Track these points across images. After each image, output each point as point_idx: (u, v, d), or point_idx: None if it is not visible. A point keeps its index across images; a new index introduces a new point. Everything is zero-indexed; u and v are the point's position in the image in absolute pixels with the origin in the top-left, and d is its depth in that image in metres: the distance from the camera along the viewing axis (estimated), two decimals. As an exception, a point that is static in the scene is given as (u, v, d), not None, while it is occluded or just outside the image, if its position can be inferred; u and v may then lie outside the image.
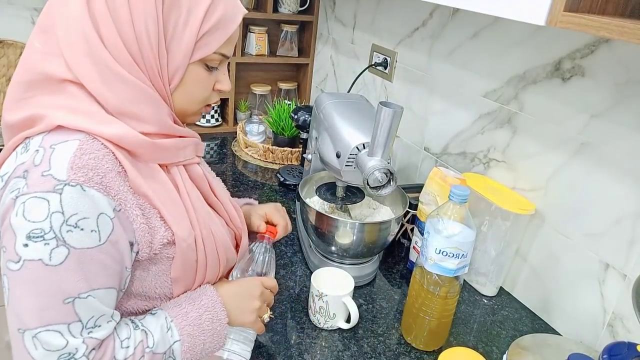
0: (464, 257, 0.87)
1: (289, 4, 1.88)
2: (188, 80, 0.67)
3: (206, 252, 0.71)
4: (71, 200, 0.56)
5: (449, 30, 1.28)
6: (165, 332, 0.67)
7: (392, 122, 0.87)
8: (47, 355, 0.57)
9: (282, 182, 1.51)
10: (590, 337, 0.96)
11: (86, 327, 0.59)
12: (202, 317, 0.70)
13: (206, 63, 0.68)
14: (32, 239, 0.56)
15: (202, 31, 0.64)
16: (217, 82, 0.72)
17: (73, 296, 0.58)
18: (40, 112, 0.61)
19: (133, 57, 0.62)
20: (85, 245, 0.57)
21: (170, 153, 0.68)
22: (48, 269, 0.56)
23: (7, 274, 0.57)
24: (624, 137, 0.88)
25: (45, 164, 0.58)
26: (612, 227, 0.91)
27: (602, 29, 0.60)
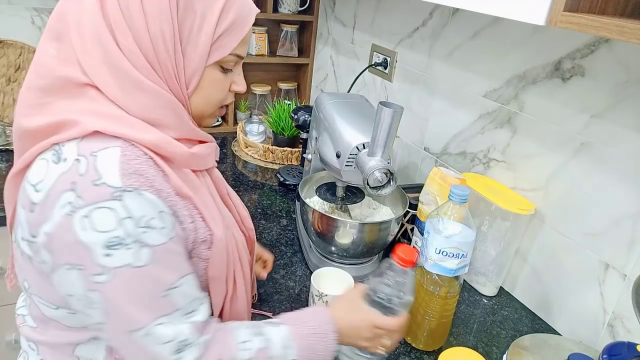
0: (464, 257, 0.87)
1: (289, 3, 1.88)
2: (205, 83, 0.67)
3: (235, 251, 0.74)
4: (133, 204, 0.57)
5: (449, 30, 1.28)
6: (285, 347, 0.69)
7: (392, 122, 0.87)
8: (163, 347, 0.61)
9: (282, 182, 1.51)
10: (590, 337, 0.96)
11: (187, 313, 0.63)
12: (319, 343, 0.72)
13: (222, 65, 0.68)
14: (113, 248, 0.56)
15: (217, 34, 0.64)
16: (232, 83, 0.72)
17: (168, 287, 0.60)
18: (68, 118, 0.60)
19: (150, 63, 0.62)
20: (160, 241, 0.59)
21: (202, 160, 0.70)
22: (139, 270, 0.58)
23: (97, 288, 0.57)
24: (624, 137, 0.88)
25: (93, 173, 0.57)
26: (612, 227, 0.91)
27: (602, 29, 0.60)
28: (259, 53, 1.91)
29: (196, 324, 0.63)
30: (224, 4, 0.64)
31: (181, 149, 0.65)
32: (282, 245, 1.21)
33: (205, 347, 0.64)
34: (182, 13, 0.62)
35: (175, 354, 0.61)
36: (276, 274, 1.09)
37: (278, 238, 1.24)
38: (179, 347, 0.61)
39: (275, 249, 1.19)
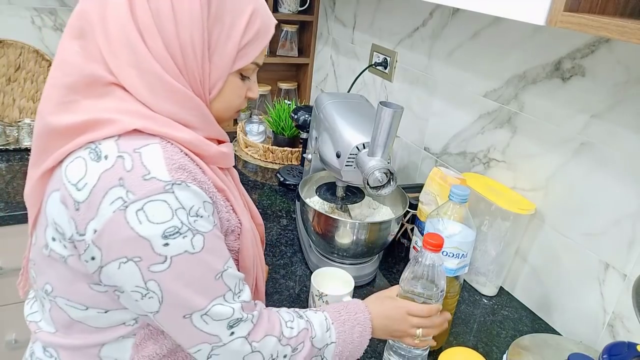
0: (464, 257, 0.87)
1: (289, 3, 1.88)
2: (226, 89, 0.70)
3: (255, 244, 0.78)
4: (184, 195, 0.60)
5: (449, 30, 1.28)
6: (324, 331, 0.74)
7: (392, 122, 0.87)
8: (219, 325, 0.64)
9: (282, 182, 1.51)
10: (590, 337, 0.96)
11: (235, 293, 0.66)
12: (355, 328, 0.76)
13: (242, 72, 0.71)
14: (170, 237, 0.59)
15: (242, 43, 0.67)
16: (248, 89, 0.75)
17: (220, 271, 0.64)
18: (103, 117, 0.61)
19: (178, 68, 0.64)
20: (208, 228, 0.63)
21: (229, 158, 0.75)
22: (195, 256, 0.61)
23: (155, 277, 0.60)
24: (624, 137, 0.88)
25: (140, 168, 0.59)
26: (612, 227, 0.91)
27: (602, 29, 0.60)
28: (259, 53, 1.91)
29: (245, 303, 0.67)
30: (250, 15, 0.67)
31: (213, 148, 0.69)
32: (282, 245, 1.21)
33: (254, 323, 0.67)
34: (212, 22, 0.64)
35: (229, 329, 0.65)
36: (276, 274, 1.09)
37: (278, 238, 1.24)
38: (233, 324, 0.65)
39: (275, 249, 1.19)
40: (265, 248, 1.18)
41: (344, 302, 0.80)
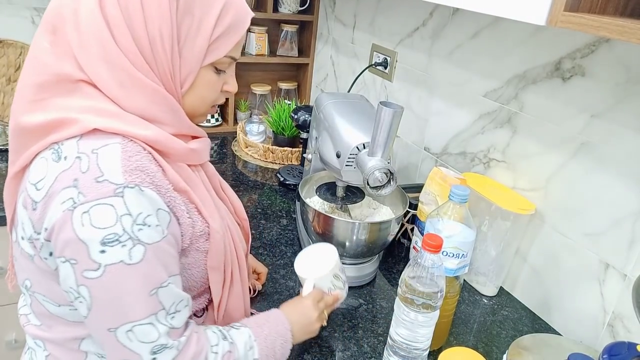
0: (464, 257, 0.87)
1: (289, 3, 1.88)
2: (199, 83, 0.69)
3: (231, 242, 0.76)
4: (134, 200, 0.58)
5: (449, 30, 1.28)
6: (247, 349, 0.72)
7: (392, 122, 0.87)
8: (142, 346, 0.61)
9: (282, 182, 1.51)
10: (590, 337, 0.96)
11: (169, 313, 0.63)
12: (276, 342, 0.76)
13: (216, 66, 0.69)
14: (108, 245, 0.57)
15: (213, 36, 0.66)
16: (224, 83, 0.73)
17: (157, 287, 0.61)
18: (66, 116, 0.60)
19: (147, 62, 0.63)
20: (155, 239, 0.60)
21: (198, 155, 0.72)
22: (131, 268, 0.58)
23: (86, 283, 0.58)
24: (624, 137, 0.88)
25: (95, 170, 0.58)
26: (612, 227, 0.91)
27: (602, 29, 0.60)
28: (259, 53, 1.91)
29: (175, 327, 0.64)
30: (222, 8, 0.65)
31: (179, 145, 0.67)
32: (282, 245, 1.21)
33: (180, 350, 0.64)
34: (180, 15, 0.63)
35: (152, 354, 0.62)
36: (276, 274, 1.09)
37: (278, 238, 1.24)
38: (157, 349, 0.62)
39: (275, 248, 1.19)
40: (265, 248, 1.18)
41: (267, 315, 0.79)
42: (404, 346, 0.81)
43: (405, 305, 0.78)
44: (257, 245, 1.19)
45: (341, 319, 0.99)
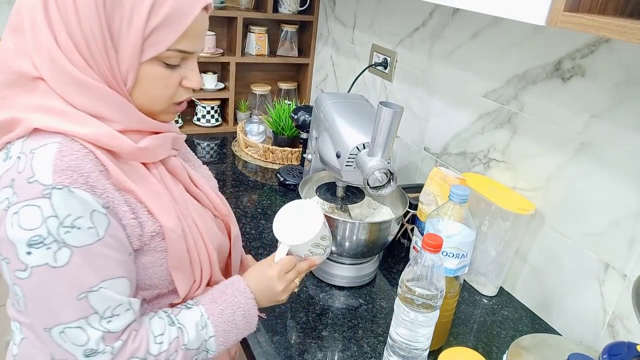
0: (464, 257, 0.87)
1: (289, 4, 1.88)
2: (144, 79, 0.65)
3: (194, 241, 0.72)
4: (62, 202, 0.57)
5: (449, 30, 1.28)
6: (200, 329, 0.71)
7: (392, 122, 0.87)
8: (75, 348, 0.61)
9: (282, 182, 1.51)
10: (590, 337, 0.96)
11: (104, 318, 0.62)
12: (236, 313, 0.74)
13: (164, 61, 0.65)
14: (34, 247, 0.57)
15: (148, 28, 0.61)
16: (183, 78, 0.69)
17: (85, 291, 0.60)
18: (17, 116, 0.61)
19: (85, 59, 0.62)
20: (85, 242, 0.59)
21: (151, 152, 0.68)
22: (56, 271, 0.58)
23: (18, 283, 0.60)
24: (624, 137, 0.88)
25: (28, 171, 0.58)
26: (612, 227, 0.91)
27: (602, 29, 0.60)
28: (259, 53, 1.91)
29: (111, 332, 0.63)
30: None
31: (125, 143, 0.64)
32: (282, 245, 1.21)
33: (114, 355, 0.63)
34: (110, 8, 0.60)
35: (85, 357, 0.62)
36: (276, 274, 1.09)
37: (278, 238, 1.24)
38: (89, 353, 0.62)
39: (275, 249, 1.18)
40: (265, 248, 1.18)
41: (225, 285, 0.76)
42: (404, 346, 0.81)
43: (405, 305, 0.78)
44: (257, 245, 1.19)
45: (341, 319, 0.99)
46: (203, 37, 0.69)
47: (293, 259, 0.82)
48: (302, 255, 0.83)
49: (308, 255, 0.84)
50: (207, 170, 0.88)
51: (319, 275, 1.10)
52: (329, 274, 1.08)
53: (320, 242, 0.85)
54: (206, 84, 1.89)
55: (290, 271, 0.82)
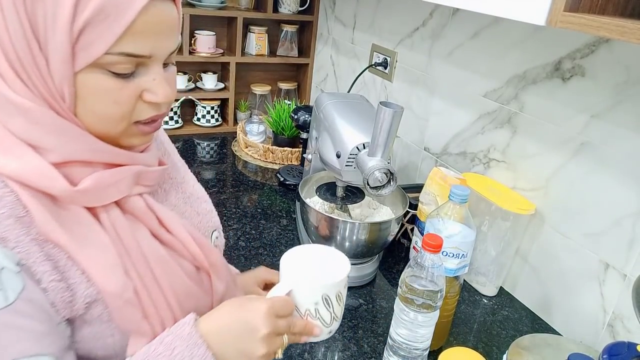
0: (464, 257, 0.87)
1: (289, 3, 1.88)
2: (84, 93, 0.51)
3: (155, 306, 0.56)
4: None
5: (449, 30, 1.28)
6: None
7: (392, 122, 0.87)
8: None
9: (282, 182, 1.51)
10: (590, 337, 0.96)
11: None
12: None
13: (108, 69, 0.51)
14: None
15: (76, 26, 0.47)
16: (144, 91, 0.54)
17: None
18: None
19: (16, 72, 0.49)
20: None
21: (92, 196, 0.53)
22: None
23: None
24: (624, 137, 0.88)
25: None
26: (612, 227, 0.91)
27: (602, 29, 0.60)
28: (259, 53, 1.91)
29: None
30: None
31: (57, 183, 0.50)
32: (282, 245, 1.21)
33: None
34: (30, 4, 0.47)
35: None
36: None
37: (278, 238, 1.24)
38: None
39: (275, 249, 1.19)
40: (265, 248, 1.18)
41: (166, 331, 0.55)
42: (404, 346, 0.81)
43: (405, 305, 0.78)
44: (257, 245, 1.19)
45: (341, 319, 0.99)
46: (166, 34, 0.53)
47: (292, 304, 0.61)
48: (303, 310, 0.62)
49: (310, 312, 0.62)
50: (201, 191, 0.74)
51: (319, 275, 1.10)
52: (329, 274, 1.08)
53: (333, 301, 0.63)
54: (206, 84, 1.90)
55: (284, 318, 0.59)
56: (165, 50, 0.54)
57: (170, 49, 0.55)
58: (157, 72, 0.54)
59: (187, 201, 0.70)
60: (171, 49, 0.55)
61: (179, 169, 0.74)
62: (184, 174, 0.74)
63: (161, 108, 0.56)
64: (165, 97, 0.54)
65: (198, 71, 1.91)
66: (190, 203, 0.70)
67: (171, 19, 0.53)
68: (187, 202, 0.70)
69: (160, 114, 0.57)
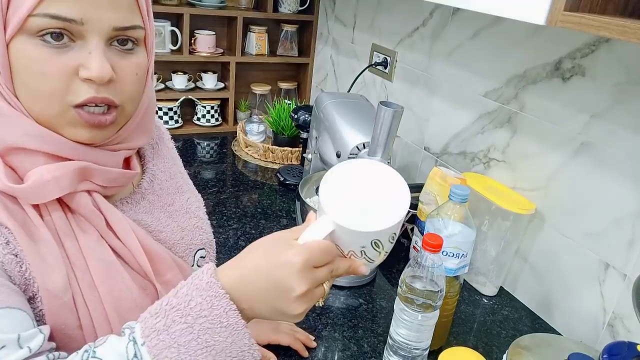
0: (464, 257, 0.87)
1: (289, 3, 1.88)
2: (17, 65, 0.48)
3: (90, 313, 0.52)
4: None
5: (449, 30, 1.28)
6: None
7: (392, 122, 0.87)
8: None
9: (282, 181, 1.51)
10: (590, 337, 0.96)
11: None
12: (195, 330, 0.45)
13: (38, 36, 0.47)
14: None
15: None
16: (80, 66, 0.49)
17: None
18: None
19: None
20: None
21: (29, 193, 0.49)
22: None
23: None
24: (624, 137, 0.88)
25: None
26: (612, 227, 0.91)
27: (602, 29, 0.60)
28: (259, 53, 1.91)
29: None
30: None
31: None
32: (282, 245, 1.21)
33: None
34: None
35: None
36: (276, 274, 1.09)
37: (278, 238, 1.24)
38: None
39: (275, 248, 1.19)
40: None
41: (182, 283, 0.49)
42: (404, 346, 0.81)
43: (405, 305, 0.78)
44: (257, 245, 1.19)
45: (341, 319, 0.99)
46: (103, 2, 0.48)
47: (333, 247, 0.51)
48: (346, 251, 0.52)
49: (354, 253, 0.52)
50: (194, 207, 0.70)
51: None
52: (329, 273, 1.08)
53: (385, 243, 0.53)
54: (206, 84, 1.90)
55: (324, 266, 0.50)
56: (104, 22, 0.48)
57: (111, 23, 0.49)
58: (96, 47, 0.49)
59: (173, 214, 0.66)
60: (114, 23, 0.49)
61: (177, 179, 0.70)
62: (180, 185, 0.70)
63: (98, 89, 0.50)
64: (98, 71, 0.48)
65: (198, 71, 1.91)
66: (174, 216, 0.66)
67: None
68: (171, 216, 0.66)
69: (99, 97, 0.50)
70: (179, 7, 1.72)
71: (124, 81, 0.52)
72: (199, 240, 0.69)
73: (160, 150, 0.70)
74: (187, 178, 0.75)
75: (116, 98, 0.52)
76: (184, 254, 0.66)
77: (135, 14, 0.52)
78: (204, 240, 0.70)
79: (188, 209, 0.69)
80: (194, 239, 0.68)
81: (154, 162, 0.67)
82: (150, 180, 0.65)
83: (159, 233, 0.63)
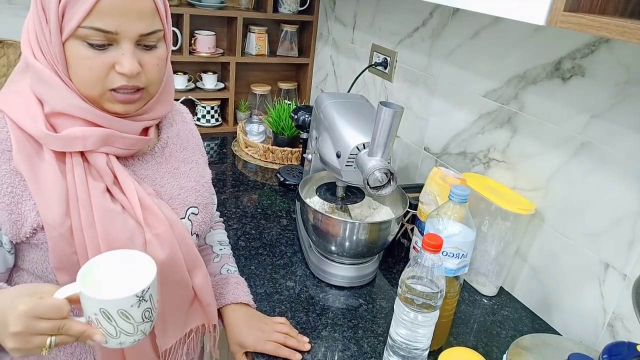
0: (464, 257, 0.87)
1: (289, 3, 1.88)
2: (70, 60, 0.66)
3: (86, 244, 0.67)
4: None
5: (449, 30, 1.28)
6: None
7: (392, 122, 0.87)
8: None
9: (282, 182, 1.51)
10: (590, 337, 0.96)
11: None
12: None
13: (85, 40, 0.65)
14: None
15: (62, 5, 0.63)
16: (115, 63, 0.67)
17: None
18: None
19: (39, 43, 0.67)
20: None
21: (59, 141, 0.67)
22: None
23: None
24: (624, 137, 0.88)
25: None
26: (612, 227, 0.91)
27: (602, 29, 0.60)
28: (259, 53, 1.91)
29: None
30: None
31: (34, 125, 0.67)
32: (282, 245, 1.21)
33: None
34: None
35: None
36: (276, 274, 1.09)
37: (278, 238, 1.24)
38: None
39: (275, 248, 1.19)
40: (265, 248, 1.18)
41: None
42: (404, 346, 0.81)
43: (405, 305, 0.78)
44: (257, 245, 1.19)
45: (341, 319, 0.99)
46: (132, 16, 0.65)
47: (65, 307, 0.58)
48: (86, 317, 0.60)
49: (92, 320, 0.59)
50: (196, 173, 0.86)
51: (318, 275, 1.10)
52: (329, 273, 1.08)
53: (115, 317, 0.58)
54: (206, 84, 1.90)
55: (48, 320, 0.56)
56: (133, 31, 0.66)
57: (139, 31, 0.66)
58: (127, 49, 0.67)
59: (175, 174, 0.82)
60: (140, 30, 0.67)
61: (187, 152, 0.86)
62: (188, 157, 0.86)
63: (129, 80, 0.68)
64: (128, 69, 0.67)
65: (198, 71, 1.91)
66: (177, 177, 0.82)
67: (138, 4, 0.65)
68: (174, 176, 0.82)
69: (130, 85, 0.68)
70: (179, 7, 1.72)
71: (148, 71, 0.70)
72: (193, 199, 0.84)
73: (177, 126, 0.86)
74: (200, 156, 0.90)
75: (142, 84, 0.70)
76: (177, 207, 0.81)
77: (156, 19, 0.68)
78: (198, 200, 0.85)
79: (190, 175, 0.85)
80: (189, 197, 0.83)
81: (167, 134, 0.84)
82: (162, 147, 0.82)
83: (160, 187, 0.80)
